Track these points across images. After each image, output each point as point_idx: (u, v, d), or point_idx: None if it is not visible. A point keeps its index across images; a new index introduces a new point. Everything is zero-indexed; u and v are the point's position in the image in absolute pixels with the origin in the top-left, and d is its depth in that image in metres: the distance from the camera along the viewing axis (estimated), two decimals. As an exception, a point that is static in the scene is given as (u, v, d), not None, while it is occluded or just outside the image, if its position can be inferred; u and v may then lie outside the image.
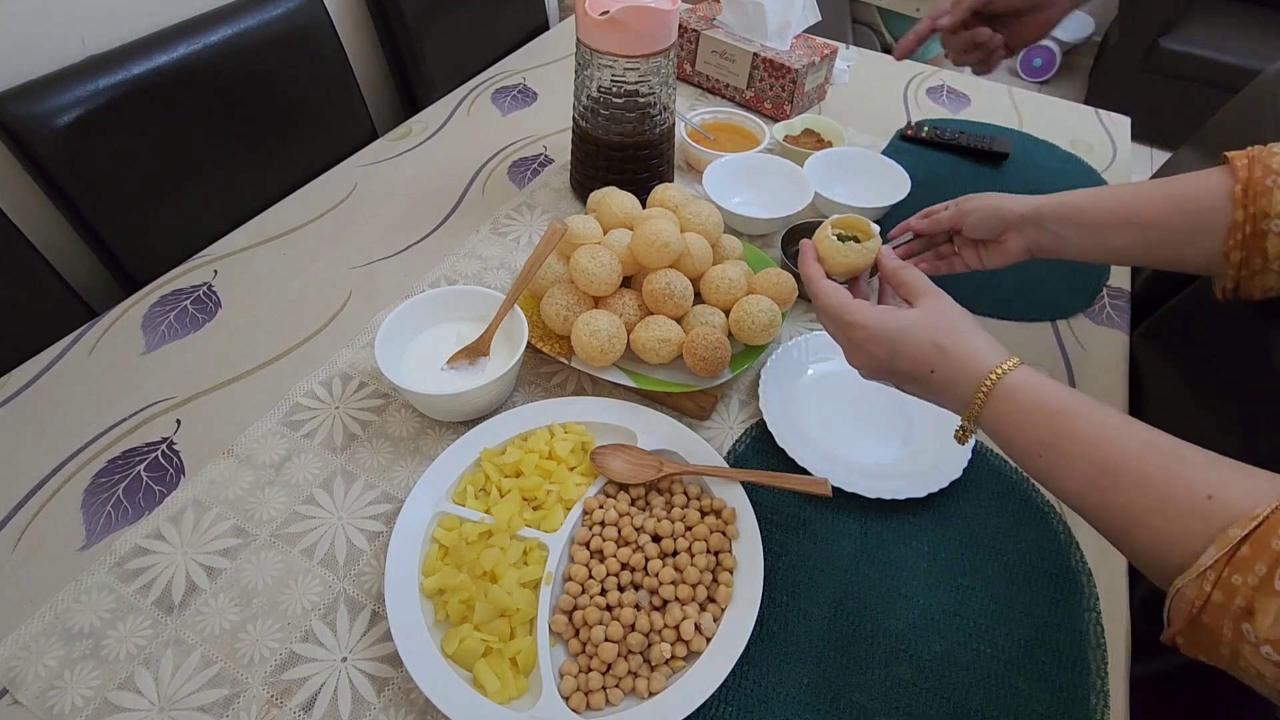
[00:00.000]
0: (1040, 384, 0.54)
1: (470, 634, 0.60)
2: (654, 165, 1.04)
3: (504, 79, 1.40)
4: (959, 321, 0.58)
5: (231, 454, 0.76)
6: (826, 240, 0.67)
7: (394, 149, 1.20)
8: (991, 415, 0.54)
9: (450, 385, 0.77)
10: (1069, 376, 0.88)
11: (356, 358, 0.86)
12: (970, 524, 0.73)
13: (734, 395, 0.84)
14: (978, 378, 0.54)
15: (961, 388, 0.55)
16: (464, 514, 0.68)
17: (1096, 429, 0.50)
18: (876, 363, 0.60)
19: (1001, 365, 0.54)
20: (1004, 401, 0.54)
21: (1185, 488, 0.45)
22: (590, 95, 0.97)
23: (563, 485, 0.70)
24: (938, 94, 1.42)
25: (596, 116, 0.98)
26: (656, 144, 1.02)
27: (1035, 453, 0.52)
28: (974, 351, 0.56)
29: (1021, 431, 0.53)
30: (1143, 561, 0.48)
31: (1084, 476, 0.50)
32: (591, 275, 0.79)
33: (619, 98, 0.95)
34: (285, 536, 0.70)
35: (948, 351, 0.56)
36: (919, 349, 0.57)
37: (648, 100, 0.96)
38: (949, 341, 0.56)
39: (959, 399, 0.56)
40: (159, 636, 0.63)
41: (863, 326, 0.59)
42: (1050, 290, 0.99)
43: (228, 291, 0.94)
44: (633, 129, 0.98)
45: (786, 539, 0.71)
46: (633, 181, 1.01)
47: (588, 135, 1.01)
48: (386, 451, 0.77)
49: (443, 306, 0.83)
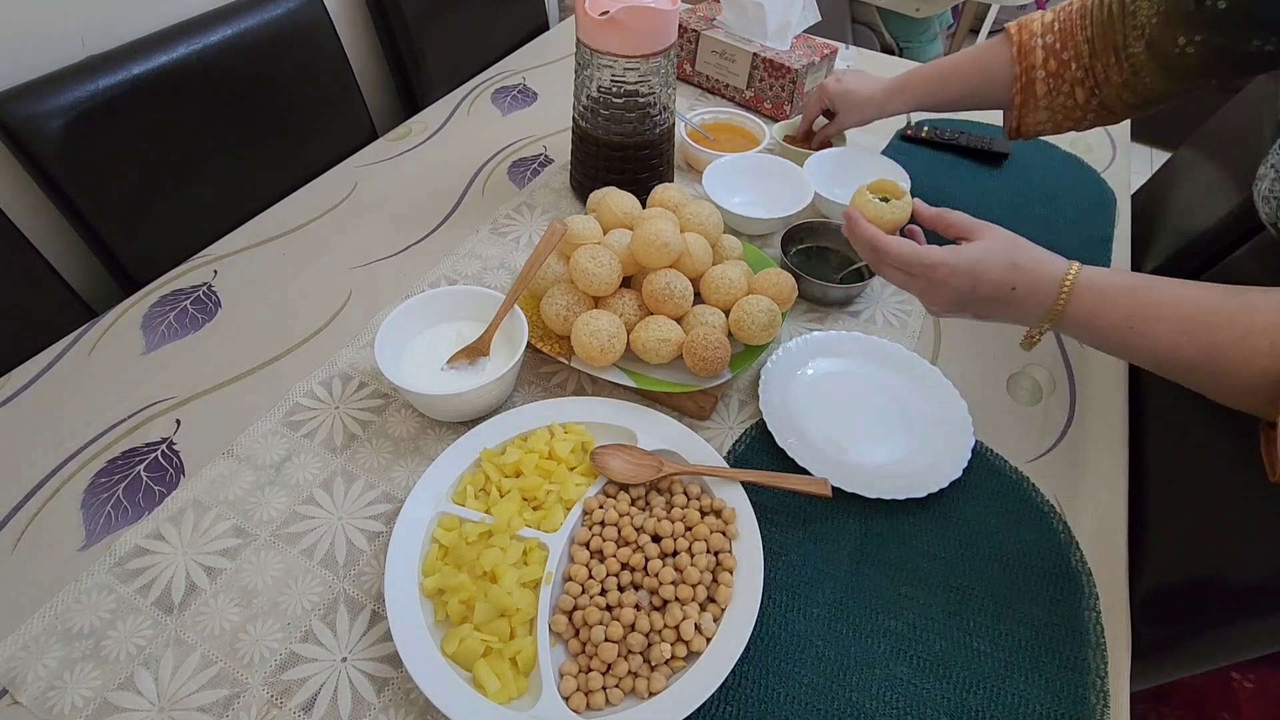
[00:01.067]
0: (1110, 272, 0.62)
1: (470, 634, 0.60)
2: (654, 165, 1.04)
3: (504, 79, 1.40)
4: (1020, 241, 0.65)
5: (231, 454, 0.76)
6: (869, 204, 0.73)
7: (394, 149, 1.20)
8: (1076, 309, 0.61)
9: (450, 385, 0.77)
10: (1069, 376, 0.88)
11: (356, 358, 0.86)
12: (970, 524, 0.73)
13: (734, 395, 0.84)
14: (1056, 280, 0.62)
15: (1042, 294, 0.62)
16: (464, 514, 0.68)
17: (1173, 290, 0.58)
18: (958, 295, 0.65)
19: (1071, 267, 0.62)
20: (1086, 293, 0.61)
21: (1262, 307, 0.53)
22: (590, 95, 0.97)
23: (563, 485, 0.70)
24: (937, 94, 1.41)
25: (596, 116, 0.98)
26: (656, 144, 1.02)
27: (1125, 327, 0.59)
28: (1044, 259, 0.63)
29: (1108, 314, 0.60)
30: (1240, 389, 0.54)
31: (1176, 330, 0.57)
32: (591, 275, 0.79)
33: (619, 98, 0.95)
34: (285, 536, 0.70)
35: (1022, 266, 0.63)
36: (999, 271, 0.63)
37: (648, 100, 0.96)
38: (1022, 259, 0.63)
39: (1040, 305, 0.63)
40: (159, 637, 0.63)
41: (944, 264, 0.64)
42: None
43: (228, 292, 0.94)
44: (633, 129, 0.98)
45: (786, 539, 0.71)
46: (633, 181, 1.01)
47: (588, 135, 1.01)
48: (386, 451, 0.77)
49: (443, 306, 0.83)
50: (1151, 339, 0.58)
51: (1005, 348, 0.91)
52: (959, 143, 1.24)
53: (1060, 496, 0.76)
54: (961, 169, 1.21)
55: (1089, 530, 0.73)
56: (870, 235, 0.69)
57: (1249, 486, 0.69)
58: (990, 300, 0.64)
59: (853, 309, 0.96)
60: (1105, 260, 1.05)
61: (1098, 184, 1.19)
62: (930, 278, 0.65)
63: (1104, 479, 0.77)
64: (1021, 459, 0.79)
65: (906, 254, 0.66)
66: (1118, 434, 0.82)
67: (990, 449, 0.79)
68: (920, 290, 0.67)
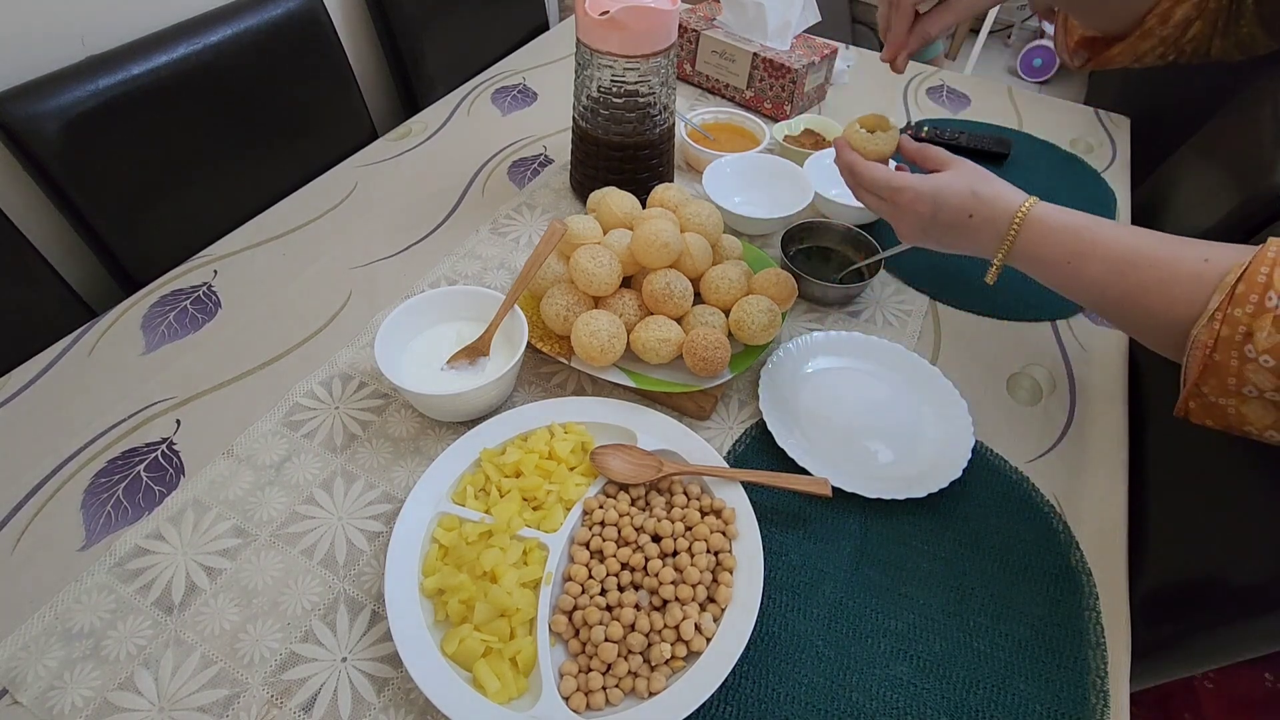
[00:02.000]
0: (1060, 210, 0.65)
1: (470, 634, 0.60)
2: (654, 165, 1.04)
3: (504, 79, 1.40)
4: (985, 173, 0.69)
5: (231, 454, 0.76)
6: (857, 134, 0.76)
7: (394, 149, 1.20)
8: (1025, 241, 0.65)
9: (450, 385, 0.77)
10: (1069, 376, 0.88)
11: (356, 358, 0.86)
12: (970, 524, 0.73)
13: (734, 395, 0.84)
14: (1010, 211, 0.65)
15: (998, 224, 0.66)
16: (464, 514, 0.68)
17: (1113, 231, 0.62)
18: (921, 220, 0.69)
19: (1027, 201, 0.66)
20: (1036, 227, 0.65)
21: (1187, 258, 0.57)
22: (590, 95, 0.97)
23: (563, 485, 0.70)
24: (938, 94, 1.42)
25: (596, 116, 0.98)
26: (656, 144, 1.02)
27: (1065, 261, 0.63)
28: (1004, 191, 0.67)
29: (1053, 248, 0.64)
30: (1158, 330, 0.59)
31: (1108, 269, 0.61)
32: (591, 275, 0.79)
33: (619, 97, 0.95)
34: (285, 536, 0.70)
35: (982, 196, 0.67)
36: (958, 198, 0.67)
37: (648, 100, 0.96)
38: (982, 188, 0.67)
39: (995, 235, 0.67)
40: (159, 637, 0.63)
41: (908, 188, 0.69)
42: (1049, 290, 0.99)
43: (228, 292, 0.94)
44: (633, 129, 0.98)
45: (786, 539, 0.71)
46: (632, 181, 1.01)
47: (588, 135, 1.01)
48: (386, 452, 0.77)
49: (442, 307, 0.83)
50: (1085, 276, 0.62)
51: (1005, 348, 0.91)
52: (959, 143, 1.24)
53: (1060, 496, 0.76)
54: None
55: (1089, 530, 0.73)
56: (849, 160, 0.74)
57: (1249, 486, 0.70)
58: (949, 226, 0.68)
59: (853, 309, 0.96)
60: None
61: (1098, 184, 1.19)
62: (896, 201, 0.70)
63: (1104, 479, 0.77)
64: (1021, 459, 0.79)
65: (877, 176, 0.72)
66: (1118, 434, 0.82)
67: (990, 449, 0.79)
68: (889, 213, 0.72)
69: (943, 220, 0.68)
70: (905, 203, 0.70)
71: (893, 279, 1.00)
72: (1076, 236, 0.63)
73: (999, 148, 1.23)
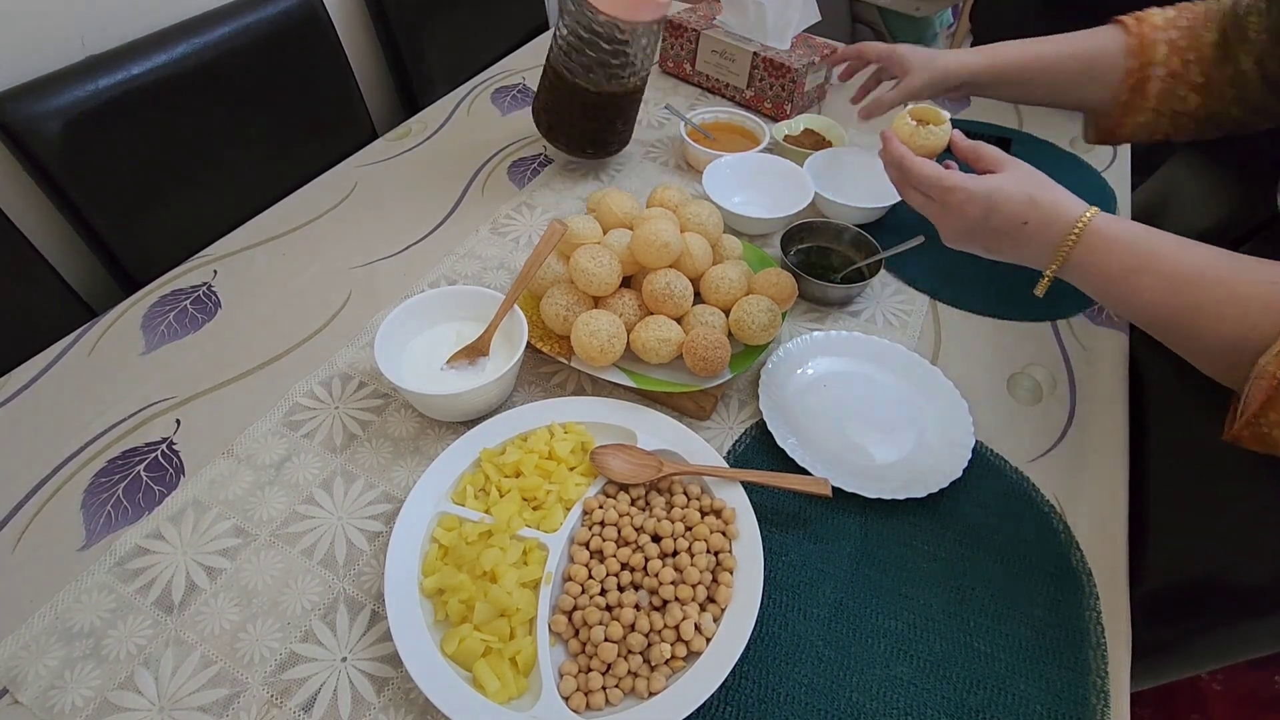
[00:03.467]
0: (1123, 221, 0.62)
1: (470, 634, 0.60)
2: (614, 122, 1.08)
3: (503, 79, 1.40)
4: (1043, 178, 0.65)
5: (231, 454, 0.76)
6: (905, 126, 0.74)
7: (394, 149, 1.20)
8: (1083, 252, 0.61)
9: (450, 385, 0.77)
10: (1069, 376, 0.88)
11: (356, 358, 0.86)
12: (970, 524, 0.73)
13: (734, 395, 0.84)
14: (1070, 221, 0.62)
15: (1054, 232, 0.62)
16: (464, 514, 0.68)
17: (1177, 246, 0.59)
18: (970, 224, 0.65)
19: (1089, 211, 0.62)
20: (1095, 238, 0.61)
21: (1255, 279, 0.54)
22: (573, 33, 0.99)
23: (563, 485, 0.70)
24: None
25: (571, 54, 1.01)
26: (620, 98, 1.05)
27: (1121, 276, 0.60)
28: (1064, 199, 0.63)
29: (1111, 262, 0.60)
30: (1214, 354, 0.56)
31: (1164, 287, 0.58)
32: (591, 275, 0.79)
33: (608, 43, 0.98)
34: (285, 536, 0.70)
35: (1040, 203, 0.63)
36: (1013, 203, 0.63)
37: (622, 54, 0.99)
38: (1041, 194, 0.63)
39: (1049, 244, 0.63)
40: (159, 636, 0.63)
41: (961, 189, 0.65)
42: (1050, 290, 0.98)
43: (227, 291, 0.94)
44: (605, 75, 1.01)
45: (787, 539, 0.71)
46: (590, 134, 1.07)
47: (561, 75, 1.03)
48: (386, 451, 0.77)
49: (442, 306, 0.83)
50: (1143, 293, 0.59)
51: (1005, 348, 0.91)
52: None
53: (1060, 496, 0.76)
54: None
55: (1089, 530, 0.73)
56: (899, 153, 0.70)
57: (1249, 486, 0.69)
58: (1001, 233, 0.64)
59: (853, 309, 0.96)
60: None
61: (1098, 183, 1.19)
62: (946, 200, 0.66)
63: (1104, 479, 0.77)
64: (1022, 459, 0.79)
65: (928, 173, 0.67)
66: (1118, 434, 0.82)
67: (990, 449, 0.79)
68: (935, 214, 0.68)
69: (994, 225, 0.64)
70: (955, 203, 0.65)
71: (893, 279, 1.00)
72: (1137, 250, 0.59)
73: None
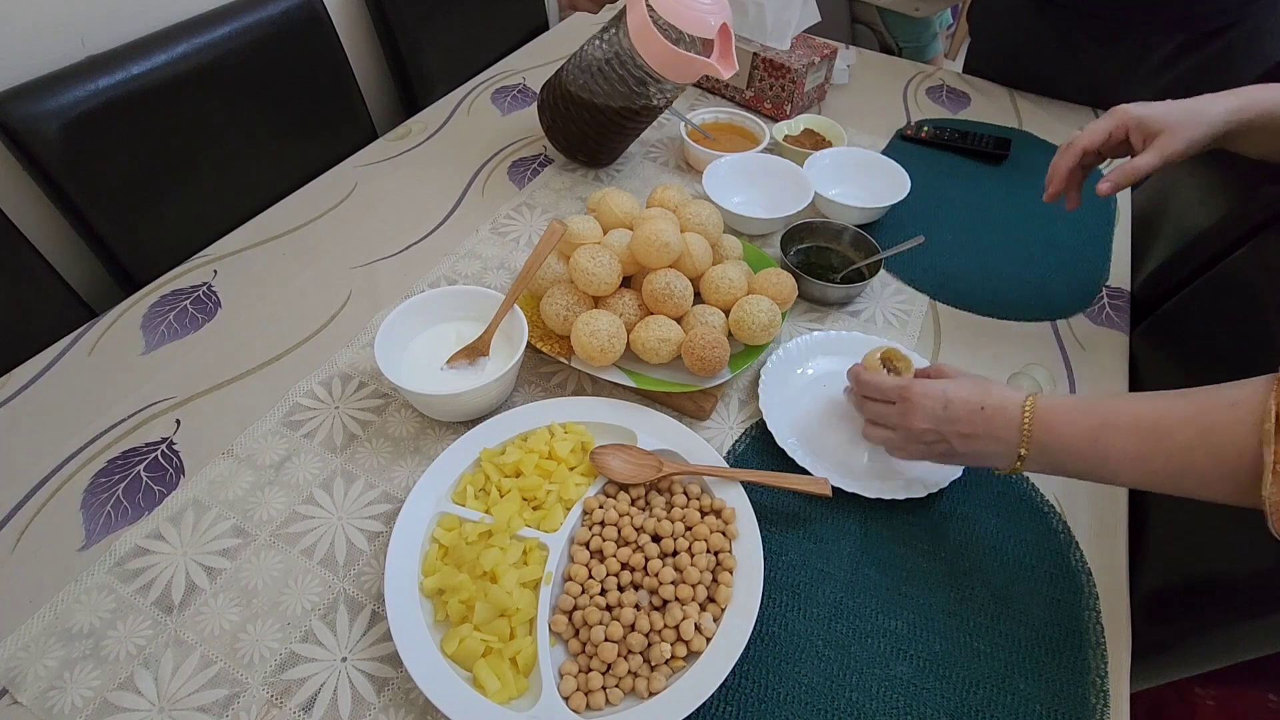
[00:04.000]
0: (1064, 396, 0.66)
1: (470, 634, 0.60)
2: (616, 139, 1.10)
3: (504, 79, 1.40)
4: (992, 379, 0.69)
5: (231, 454, 0.76)
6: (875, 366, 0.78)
7: (394, 149, 1.20)
8: (1042, 425, 0.62)
9: (450, 385, 0.77)
10: (1069, 376, 0.88)
11: (356, 358, 0.86)
12: (970, 524, 0.73)
13: (734, 395, 0.84)
14: (1019, 402, 0.64)
15: (1010, 413, 0.64)
16: (464, 514, 0.68)
17: (1127, 400, 0.60)
18: (930, 414, 0.67)
19: (1028, 394, 0.65)
20: (1048, 408, 0.62)
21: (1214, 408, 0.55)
22: (603, 59, 0.99)
23: (563, 485, 0.70)
24: (937, 94, 1.42)
25: (596, 79, 1.01)
26: (633, 118, 1.06)
27: (1090, 440, 0.60)
28: (1010, 391, 0.66)
29: (1074, 428, 0.61)
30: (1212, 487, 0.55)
31: (1138, 438, 0.58)
32: (591, 275, 0.79)
33: (635, 76, 0.98)
34: (285, 536, 0.70)
35: (991, 390, 0.66)
36: (969, 391, 0.67)
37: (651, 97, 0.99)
38: (991, 386, 0.67)
39: (1009, 424, 0.64)
40: (159, 637, 0.63)
41: (918, 383, 0.70)
42: (1050, 290, 0.99)
43: (227, 291, 0.94)
44: (624, 98, 1.02)
45: (786, 539, 0.71)
46: (596, 142, 1.08)
47: (569, 91, 1.04)
48: (386, 451, 0.77)
49: (442, 306, 0.83)
50: (1115, 450, 0.59)
51: (1006, 347, 0.91)
52: (958, 143, 1.24)
53: (1060, 496, 0.76)
54: (961, 168, 1.21)
55: (1089, 529, 0.73)
56: (855, 370, 0.77)
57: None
58: (960, 420, 0.66)
59: (853, 309, 0.96)
60: (1106, 260, 1.05)
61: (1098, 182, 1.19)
62: (906, 398, 0.69)
63: (1104, 479, 0.77)
64: (1021, 459, 0.79)
65: (884, 381, 0.73)
66: (1118, 434, 0.82)
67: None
68: (896, 415, 0.70)
69: (953, 414, 0.66)
70: (915, 397, 0.68)
71: (893, 279, 1.00)
72: (1094, 410, 0.61)
73: (998, 148, 1.23)
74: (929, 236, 0.96)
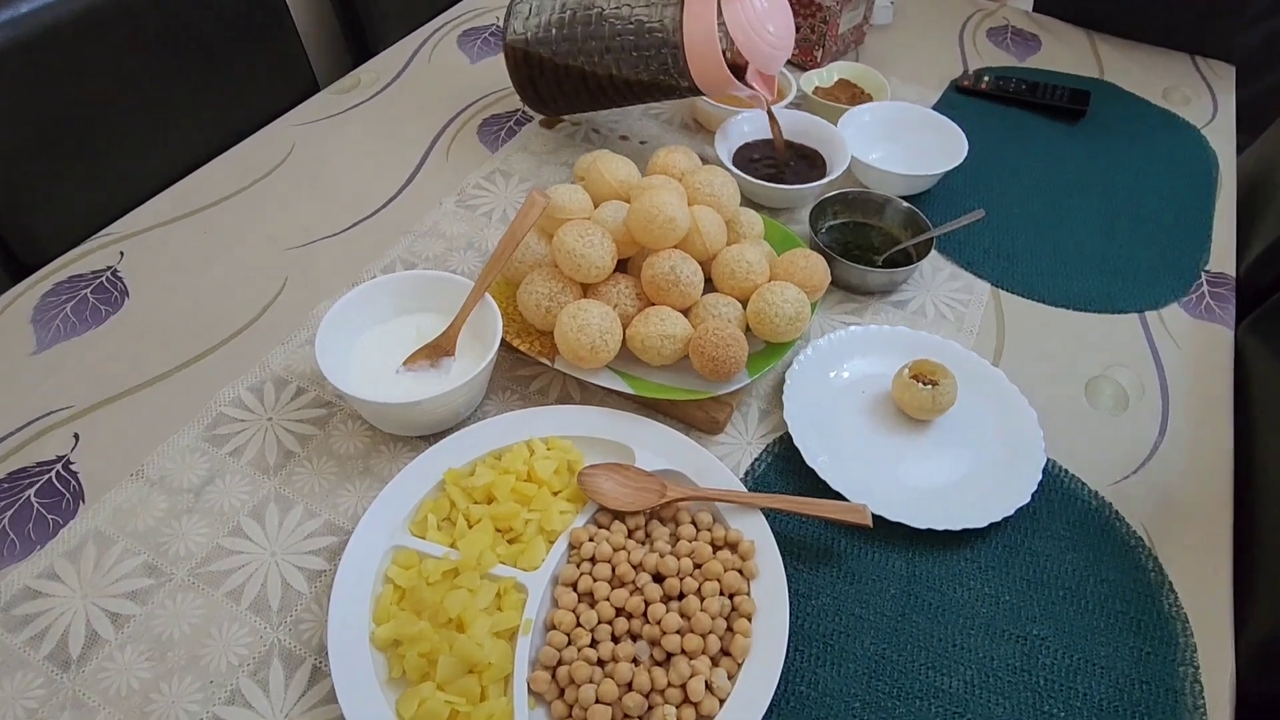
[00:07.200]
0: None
1: (432, 694, 0.60)
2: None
3: (473, 18, 1.40)
4: None
5: (141, 476, 0.76)
6: (910, 388, 0.79)
7: (339, 104, 1.20)
8: None
9: (407, 392, 0.77)
10: (1160, 380, 0.88)
11: (293, 359, 0.86)
12: (1040, 560, 0.73)
13: (753, 404, 0.84)
14: None
15: None
16: (424, 548, 0.68)
17: None
18: None
19: None
20: None
21: None
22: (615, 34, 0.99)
23: (544, 513, 0.70)
24: (1000, 36, 1.42)
25: (607, 49, 1.00)
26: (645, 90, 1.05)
27: None
28: None
29: None
30: None
31: None
32: (579, 258, 0.79)
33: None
34: (207, 576, 0.70)
35: None
36: None
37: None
38: None
39: None
40: (54, 698, 0.63)
41: None
42: (1137, 275, 0.99)
43: (136, 278, 0.94)
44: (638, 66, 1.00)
45: (817, 579, 0.71)
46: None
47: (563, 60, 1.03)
48: (330, 472, 0.77)
49: (398, 296, 0.83)
50: None
51: (1083, 345, 0.91)
52: (1026, 97, 1.24)
53: (1150, 526, 0.76)
54: (1030, 127, 1.21)
55: (1186, 568, 0.73)
56: None
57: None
58: None
59: (897, 298, 0.96)
60: (1206, 239, 1.05)
61: (1197, 144, 1.19)
62: None
63: (1204, 505, 0.78)
64: (1104, 481, 0.79)
65: None
66: (1221, 449, 0.82)
67: (1065, 469, 0.80)
68: None
69: None
70: None
71: (946, 261, 1.01)
72: None
73: (1075, 103, 1.23)
74: (990, 210, 0.97)
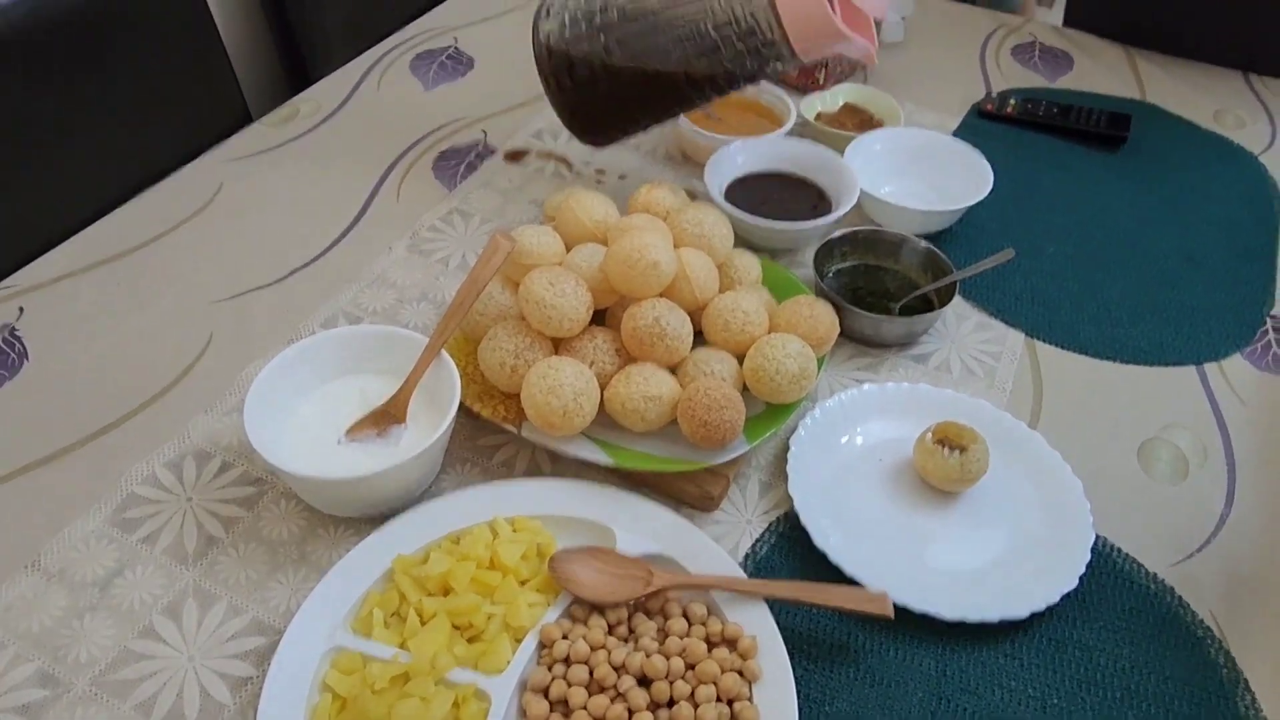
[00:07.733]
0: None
1: (377, 825, 0.59)
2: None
3: (428, 39, 1.42)
4: None
5: (38, 567, 0.75)
6: (935, 457, 0.80)
7: (274, 137, 1.21)
8: None
9: (351, 466, 0.76)
10: (1224, 441, 0.88)
11: (218, 428, 0.86)
12: (1092, 656, 0.73)
13: (752, 475, 0.84)
14: None
15: None
16: (369, 649, 0.67)
17: None
18: None
19: None
20: None
21: None
22: None
23: (510, 607, 0.70)
24: (1028, 54, 1.45)
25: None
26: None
27: None
28: None
29: None
30: None
31: None
32: (550, 309, 0.80)
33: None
34: (112, 685, 0.69)
35: None
36: None
37: None
38: None
39: None
40: (-76, 837, 0.61)
41: None
42: (1193, 322, 1.01)
43: (37, 337, 0.94)
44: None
45: (831, 681, 0.71)
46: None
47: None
48: (259, 561, 0.77)
49: (341, 355, 0.84)
50: None
51: (1135, 404, 0.92)
52: (1059, 122, 1.26)
53: (1220, 614, 0.76)
54: (1064, 156, 1.24)
55: (1264, 661, 0.73)
56: None
57: None
58: None
59: (917, 351, 0.97)
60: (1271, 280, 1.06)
61: (1254, 172, 1.22)
62: None
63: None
64: (1163, 561, 0.79)
65: None
66: (1296, 522, 0.82)
67: (1117, 547, 0.80)
68: None
69: None
70: None
71: (973, 309, 1.02)
72: None
73: (1114, 128, 1.25)
74: (1021, 250, 0.98)
